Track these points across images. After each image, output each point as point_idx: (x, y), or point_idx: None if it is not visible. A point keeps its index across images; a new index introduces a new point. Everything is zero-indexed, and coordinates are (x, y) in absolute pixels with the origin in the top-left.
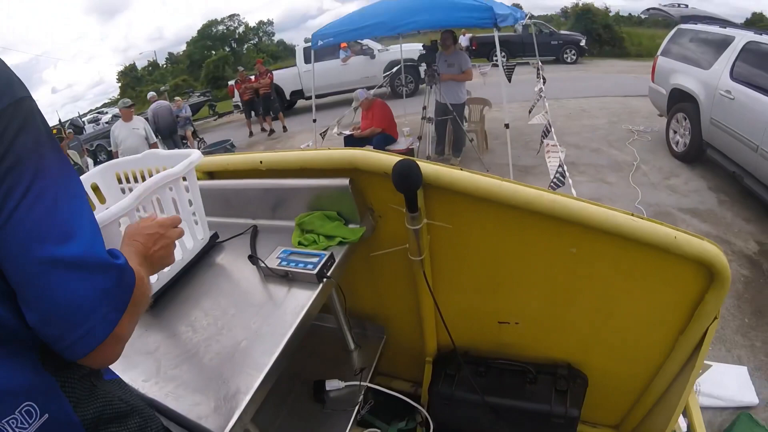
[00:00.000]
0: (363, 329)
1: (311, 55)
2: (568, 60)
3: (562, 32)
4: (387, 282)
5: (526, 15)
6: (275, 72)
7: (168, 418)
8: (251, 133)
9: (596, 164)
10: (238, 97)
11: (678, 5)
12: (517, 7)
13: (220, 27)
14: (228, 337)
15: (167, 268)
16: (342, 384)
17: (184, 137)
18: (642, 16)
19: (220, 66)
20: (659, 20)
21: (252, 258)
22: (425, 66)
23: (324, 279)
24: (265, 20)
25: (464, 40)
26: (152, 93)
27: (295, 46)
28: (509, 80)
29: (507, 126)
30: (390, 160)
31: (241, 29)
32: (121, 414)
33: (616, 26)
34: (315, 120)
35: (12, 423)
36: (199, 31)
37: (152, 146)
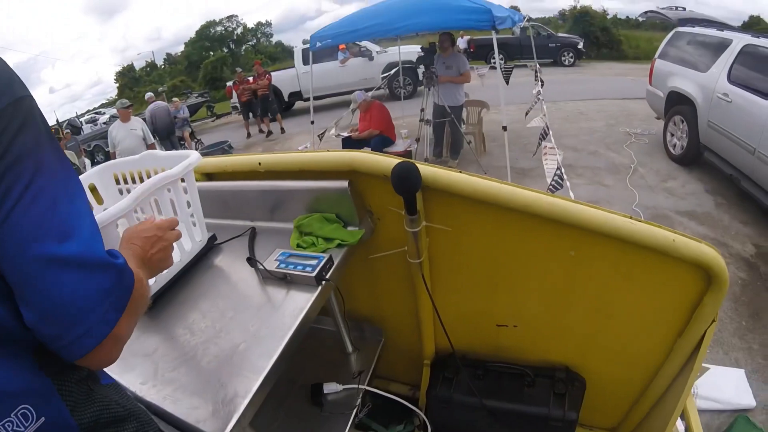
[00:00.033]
0: (361, 332)
1: (309, 57)
2: (566, 63)
3: (560, 35)
4: (385, 284)
5: (524, 17)
6: (273, 73)
7: (166, 422)
8: (249, 135)
9: (594, 167)
10: (236, 99)
11: (676, 8)
12: (515, 10)
13: (219, 28)
14: (226, 340)
15: (165, 270)
16: (340, 387)
17: (182, 138)
18: (639, 19)
19: (218, 67)
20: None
21: (250, 260)
22: (423, 68)
23: (323, 281)
24: (264, 21)
25: (462, 43)
26: (150, 94)
27: (294, 48)
28: (507, 82)
29: (505, 128)
30: (389, 163)
31: (240, 30)
32: (119, 418)
33: (614, 29)
34: (313, 122)
35: (8, 426)
36: (198, 32)
37: (150, 147)
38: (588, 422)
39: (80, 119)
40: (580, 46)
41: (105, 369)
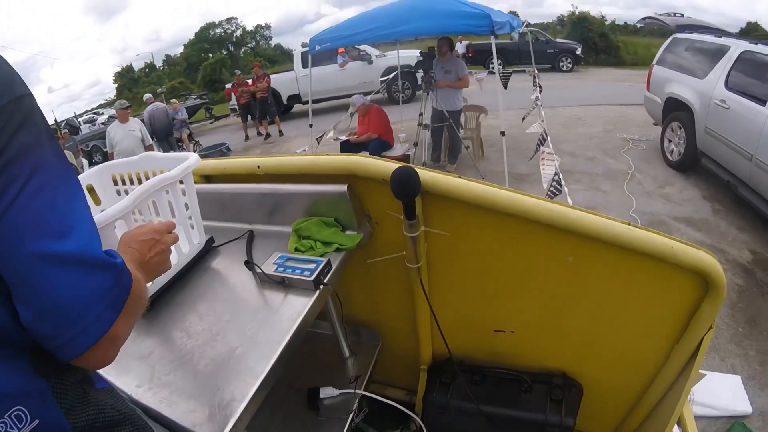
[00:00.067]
0: (358, 336)
1: (309, 60)
2: (564, 68)
3: (558, 40)
4: (383, 289)
5: (523, 23)
6: (273, 76)
7: (162, 425)
8: (247, 137)
9: (591, 172)
10: (235, 101)
11: (674, 14)
12: (514, 15)
13: (218, 30)
14: (223, 344)
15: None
16: (336, 392)
17: (180, 140)
18: (638, 25)
19: (217, 69)
20: (655, 29)
21: (248, 263)
22: (422, 72)
23: (321, 286)
24: (263, 24)
25: (461, 47)
26: (148, 95)
27: (293, 51)
28: (505, 87)
29: (503, 134)
30: (388, 167)
31: (239, 32)
32: (114, 423)
33: (612, 35)
34: (311, 125)
35: (1, 427)
36: (197, 34)
37: (148, 148)
38: (584, 429)
39: (78, 119)
40: (578, 52)
41: (101, 371)
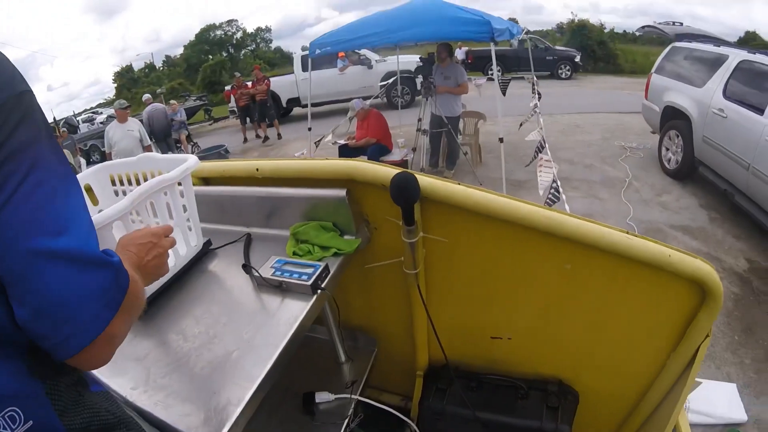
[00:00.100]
0: (354, 341)
1: (309, 64)
2: (563, 75)
3: (558, 48)
4: (380, 294)
5: (523, 30)
6: (272, 79)
7: (157, 428)
8: (245, 139)
9: (589, 180)
10: (234, 103)
11: (673, 23)
12: (514, 22)
13: (218, 32)
14: (219, 347)
15: None
16: (332, 396)
17: (178, 141)
18: (637, 34)
19: (217, 71)
20: (654, 38)
21: (246, 267)
22: (422, 78)
23: (318, 290)
24: (263, 27)
25: (460, 53)
26: (147, 95)
27: (293, 54)
28: (504, 94)
29: (501, 140)
30: (388, 173)
31: (239, 35)
32: (109, 426)
33: (611, 43)
34: (310, 128)
35: None
36: (197, 35)
37: (146, 149)
38: None
39: (77, 118)
40: (577, 60)
41: (96, 373)
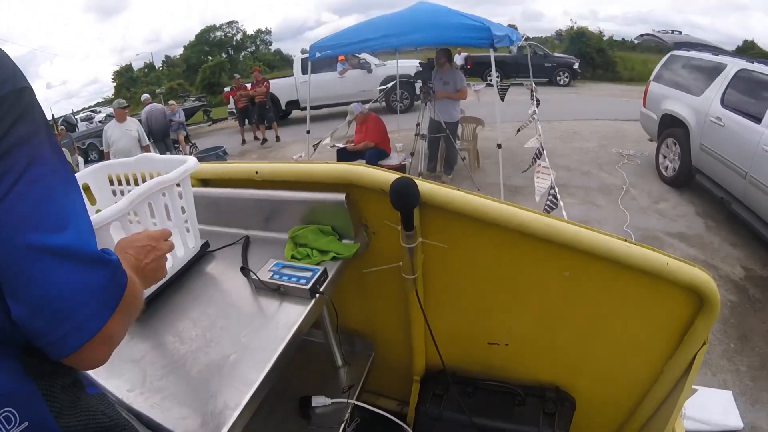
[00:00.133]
0: (351, 345)
1: (308, 66)
2: (561, 82)
3: (556, 55)
4: (377, 299)
5: (522, 37)
6: (272, 81)
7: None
8: (244, 141)
9: (586, 187)
10: (233, 105)
11: (672, 32)
12: (513, 28)
13: (218, 33)
14: (216, 350)
15: None
16: (328, 401)
17: (177, 141)
18: (635, 41)
19: (217, 72)
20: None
21: (244, 270)
22: (421, 83)
23: (317, 294)
24: (263, 29)
25: (459, 59)
26: (146, 95)
27: (293, 57)
28: (502, 99)
29: (499, 146)
30: (388, 178)
31: (239, 36)
32: (105, 429)
33: (610, 50)
34: (309, 131)
35: None
36: (197, 36)
37: (144, 149)
38: None
39: (76, 116)
40: (576, 67)
41: (92, 374)
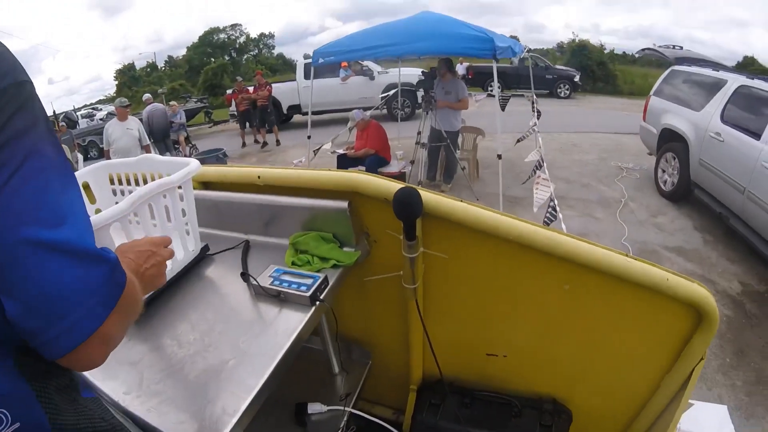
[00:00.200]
0: (348, 352)
1: (311, 72)
2: (562, 95)
3: (557, 67)
4: (376, 307)
5: (525, 48)
6: (274, 85)
7: None
8: (244, 144)
9: (585, 199)
10: (235, 107)
11: (673, 47)
12: (515, 40)
13: (222, 35)
14: (215, 355)
15: None
16: (324, 408)
17: (177, 142)
18: (636, 55)
19: (219, 74)
20: (653, 60)
21: (244, 275)
22: (423, 92)
23: (317, 302)
24: (267, 33)
25: (461, 69)
26: (148, 95)
27: (295, 61)
28: (503, 109)
29: (500, 157)
30: (391, 187)
31: (242, 39)
32: None
33: (611, 64)
34: (310, 136)
35: None
36: (201, 38)
37: (145, 148)
38: None
39: (77, 113)
40: (577, 79)
41: (89, 376)
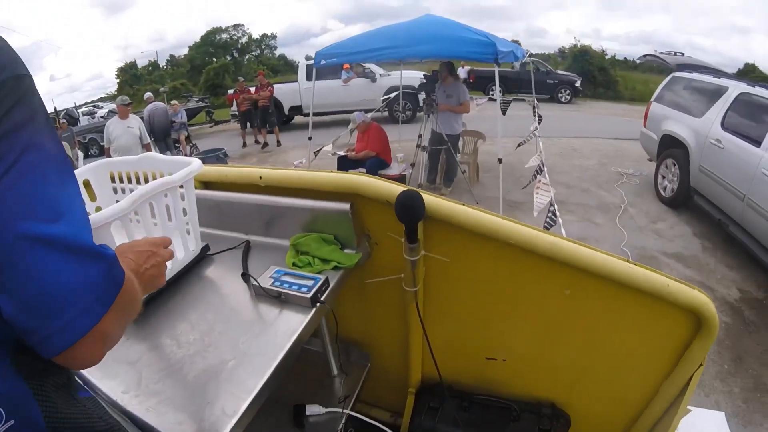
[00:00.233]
0: (347, 354)
1: (313, 73)
2: (563, 99)
3: (559, 72)
4: (376, 309)
5: (527, 53)
6: (276, 86)
7: None
8: (245, 144)
9: (585, 204)
10: (236, 107)
11: (674, 53)
12: (517, 44)
13: (224, 35)
14: (215, 355)
15: None
16: (323, 410)
17: (177, 141)
18: (637, 61)
19: (220, 74)
20: (654, 66)
21: (245, 275)
22: (425, 95)
23: (318, 304)
24: (269, 33)
25: (462, 72)
26: (149, 93)
27: (297, 62)
28: (504, 114)
29: (500, 161)
30: (394, 190)
31: (245, 39)
32: (97, 431)
33: (612, 69)
34: (311, 138)
35: None
36: (203, 37)
37: (145, 147)
38: None
39: (78, 110)
40: (578, 84)
41: (86, 375)
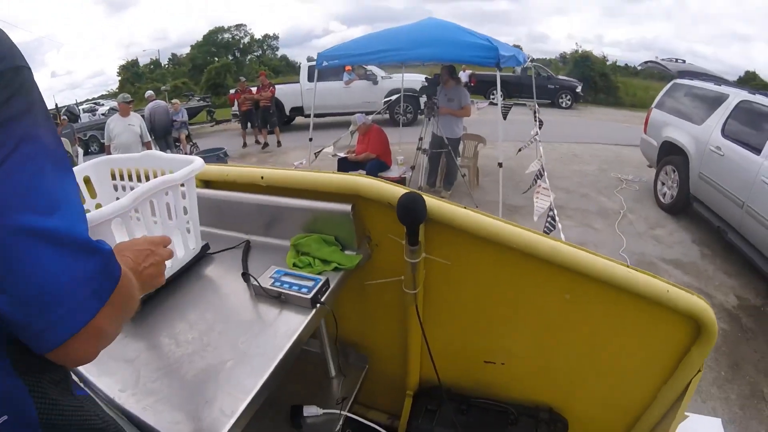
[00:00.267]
0: (345, 356)
1: (315, 74)
2: (563, 105)
3: (560, 77)
4: (375, 311)
5: (528, 58)
6: (278, 86)
7: None
8: (245, 144)
9: (584, 209)
10: (237, 107)
11: (675, 60)
12: (518, 49)
13: (226, 35)
14: (213, 355)
15: None
16: (320, 411)
17: (178, 140)
18: (639, 68)
19: (222, 74)
20: (655, 73)
21: (245, 275)
22: (426, 98)
23: (318, 304)
24: (271, 34)
25: (464, 76)
26: (150, 92)
27: (299, 63)
28: (504, 118)
29: (500, 165)
30: (396, 191)
31: (246, 40)
32: (94, 429)
33: (613, 75)
34: (311, 139)
35: None
36: (205, 37)
37: (146, 145)
38: None
39: (79, 107)
40: (578, 90)
41: (82, 371)
